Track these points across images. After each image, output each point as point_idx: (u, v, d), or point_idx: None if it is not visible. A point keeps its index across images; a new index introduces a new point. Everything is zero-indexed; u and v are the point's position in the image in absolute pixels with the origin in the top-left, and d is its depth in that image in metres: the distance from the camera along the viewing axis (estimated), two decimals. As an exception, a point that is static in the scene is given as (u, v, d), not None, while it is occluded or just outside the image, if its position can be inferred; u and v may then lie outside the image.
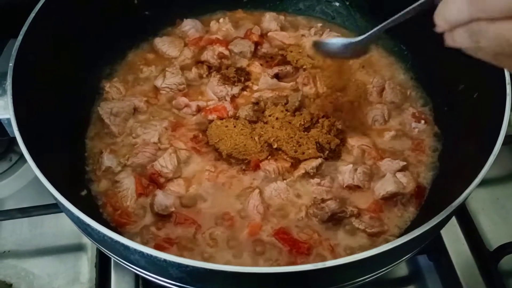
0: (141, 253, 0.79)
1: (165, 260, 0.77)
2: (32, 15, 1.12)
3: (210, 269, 0.76)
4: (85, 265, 1.26)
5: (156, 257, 0.77)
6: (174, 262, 0.77)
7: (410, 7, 0.91)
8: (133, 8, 1.45)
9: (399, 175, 1.17)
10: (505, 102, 1.01)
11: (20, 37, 1.07)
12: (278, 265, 1.05)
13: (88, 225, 0.83)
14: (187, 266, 0.76)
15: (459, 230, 1.28)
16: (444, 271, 1.22)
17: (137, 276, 1.17)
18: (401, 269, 1.27)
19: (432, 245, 1.22)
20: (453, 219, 1.30)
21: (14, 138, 0.96)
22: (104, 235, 0.81)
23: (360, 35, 1.49)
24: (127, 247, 0.79)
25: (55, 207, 1.21)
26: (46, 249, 1.29)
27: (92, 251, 1.27)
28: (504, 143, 0.97)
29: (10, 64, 1.03)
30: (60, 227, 1.32)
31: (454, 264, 1.22)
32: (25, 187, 1.41)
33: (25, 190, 1.40)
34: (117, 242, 0.80)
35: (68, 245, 1.30)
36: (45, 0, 1.14)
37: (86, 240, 1.29)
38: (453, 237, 1.26)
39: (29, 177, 1.43)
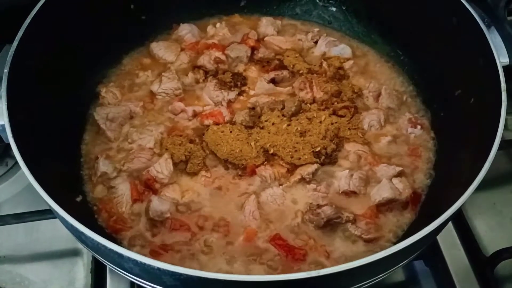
0: (135, 261, 0.78)
1: (159, 269, 0.77)
2: (28, 20, 1.11)
3: (204, 277, 0.76)
4: (81, 271, 1.25)
5: (149, 265, 0.77)
6: (167, 271, 0.76)
7: None
8: (129, 13, 1.45)
9: (395, 180, 1.17)
10: (500, 108, 1.01)
11: (15, 43, 1.07)
12: (274, 271, 1.05)
13: (82, 232, 0.82)
14: (181, 274, 0.76)
15: (456, 235, 1.28)
16: (441, 276, 1.22)
17: (132, 282, 1.17)
18: (397, 274, 1.27)
19: (429, 250, 1.22)
20: (450, 224, 1.29)
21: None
22: (98, 243, 0.81)
23: (357, 40, 1.52)
24: (121, 255, 0.79)
25: (50, 213, 1.20)
26: (41, 255, 1.28)
27: (87, 256, 1.27)
28: (500, 148, 0.97)
29: (5, 70, 1.02)
30: (56, 232, 1.31)
31: (450, 270, 1.21)
32: (21, 192, 1.40)
33: (21, 195, 1.39)
34: (111, 250, 0.80)
35: (64, 250, 1.29)
36: (40, 6, 1.14)
37: (81, 246, 1.28)
38: (449, 243, 1.26)
39: (25, 182, 1.42)
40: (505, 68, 1.08)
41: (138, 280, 0.89)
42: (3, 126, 0.97)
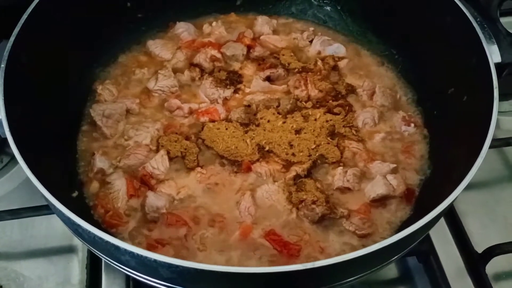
0: (132, 254, 0.79)
1: (155, 261, 0.77)
2: (25, 16, 1.12)
3: (200, 269, 0.76)
4: (76, 267, 1.25)
5: (146, 258, 0.78)
6: (164, 263, 0.77)
7: None
8: (126, 11, 1.45)
9: (389, 177, 1.18)
10: (492, 105, 1.03)
11: (12, 38, 1.08)
12: (269, 266, 1.05)
13: (79, 225, 0.83)
14: (177, 266, 0.77)
15: (449, 232, 1.30)
16: (433, 272, 1.23)
17: (128, 278, 1.17)
18: (390, 270, 1.28)
19: (422, 247, 1.24)
20: (443, 222, 1.31)
21: (6, 140, 0.96)
22: (95, 236, 0.81)
23: (351, 39, 1.53)
24: (117, 248, 0.80)
25: (45, 209, 1.21)
26: (36, 251, 1.28)
27: (83, 253, 1.27)
28: (493, 146, 0.98)
29: (2, 65, 1.03)
30: (51, 229, 1.31)
31: (443, 266, 1.23)
32: (16, 189, 1.40)
33: (16, 191, 1.40)
34: (107, 242, 0.80)
35: (59, 247, 1.29)
36: (37, 2, 1.15)
37: (77, 242, 1.28)
38: (442, 239, 1.28)
39: (20, 178, 1.42)
40: (496, 66, 1.10)
41: (134, 274, 0.90)
42: (0, 120, 0.98)
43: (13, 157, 1.45)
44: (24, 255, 1.28)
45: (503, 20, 1.24)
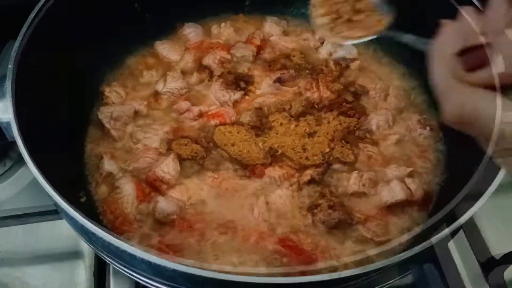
0: (142, 259, 0.76)
1: (174, 270, 0.74)
2: (31, 16, 1.09)
3: (211, 277, 0.74)
4: (82, 273, 1.22)
5: (161, 265, 0.75)
6: (182, 272, 0.74)
7: None
8: (134, 12, 1.43)
9: (406, 181, 1.16)
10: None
11: (19, 38, 1.05)
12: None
13: (88, 230, 0.80)
14: (197, 276, 0.74)
15: (465, 237, 1.27)
16: (450, 279, 1.21)
17: (136, 284, 1.14)
18: (406, 276, 1.25)
19: (439, 253, 1.21)
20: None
21: (8, 143, 0.94)
22: (106, 241, 0.79)
23: (363, 40, 1.51)
24: (124, 251, 0.77)
25: (51, 213, 1.18)
26: (41, 257, 1.25)
27: (89, 258, 1.24)
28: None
29: (10, 66, 1.00)
30: (56, 233, 1.28)
31: (460, 273, 1.20)
32: (19, 193, 1.37)
33: (19, 195, 1.37)
34: (118, 248, 0.78)
35: (65, 252, 1.26)
36: (44, 2, 1.12)
37: (83, 247, 1.25)
38: (459, 246, 1.25)
39: (23, 182, 1.40)
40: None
41: (143, 279, 0.87)
42: (7, 122, 0.95)
43: (16, 161, 1.42)
44: (29, 260, 1.25)
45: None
